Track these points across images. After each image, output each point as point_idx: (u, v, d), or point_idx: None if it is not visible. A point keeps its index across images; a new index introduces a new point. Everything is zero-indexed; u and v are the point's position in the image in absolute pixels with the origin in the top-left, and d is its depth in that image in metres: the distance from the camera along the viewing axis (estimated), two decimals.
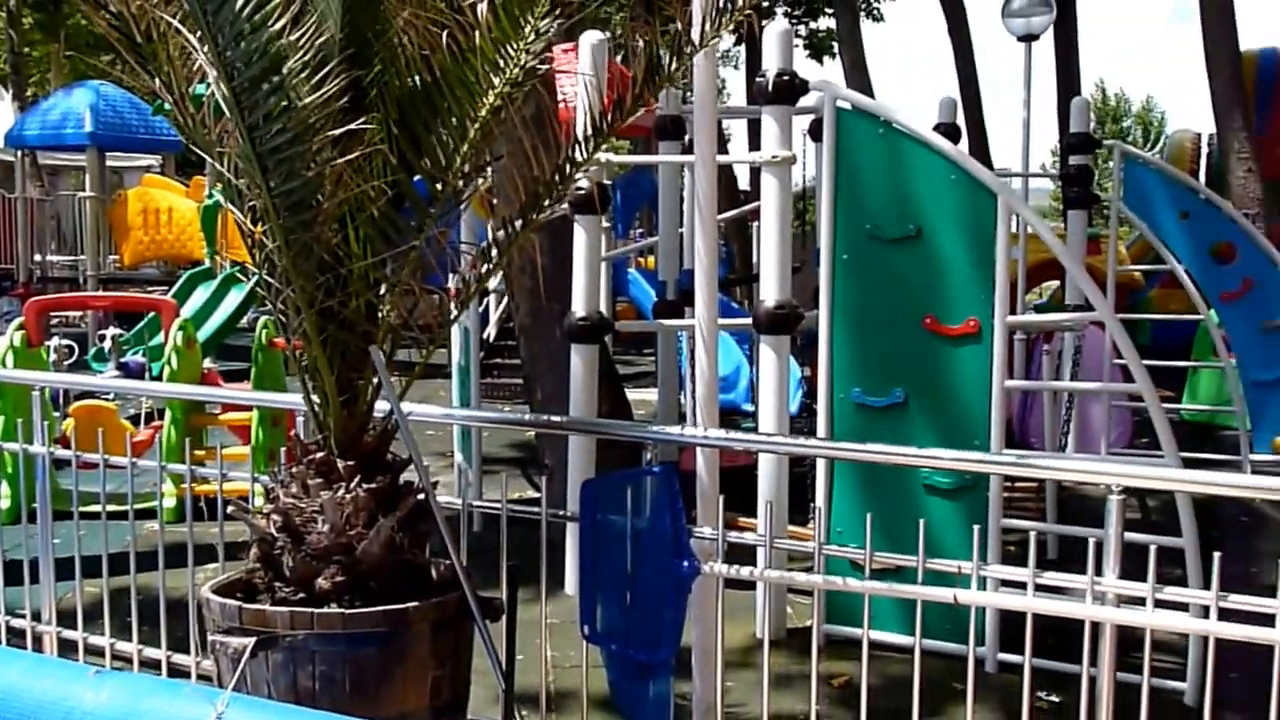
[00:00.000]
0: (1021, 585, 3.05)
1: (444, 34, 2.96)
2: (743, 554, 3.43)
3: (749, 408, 7.74)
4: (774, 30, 5.10)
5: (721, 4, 3.10)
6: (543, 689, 3.77)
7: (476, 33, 2.95)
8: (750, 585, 4.69)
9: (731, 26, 3.22)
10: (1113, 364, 6.76)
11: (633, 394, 10.15)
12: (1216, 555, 2.89)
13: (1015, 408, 8.41)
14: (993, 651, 4.80)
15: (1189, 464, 7.95)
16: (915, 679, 3.14)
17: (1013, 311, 6.79)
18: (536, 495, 3.56)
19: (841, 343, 5.06)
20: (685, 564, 3.17)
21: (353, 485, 3.15)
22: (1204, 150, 16.48)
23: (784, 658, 4.92)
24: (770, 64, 5.07)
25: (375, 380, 3.23)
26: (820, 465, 5.15)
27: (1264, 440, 7.45)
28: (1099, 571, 2.96)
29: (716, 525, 3.26)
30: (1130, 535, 3.97)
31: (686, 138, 6.49)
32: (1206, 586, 2.87)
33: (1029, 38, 10.37)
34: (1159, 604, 2.92)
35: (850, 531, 4.82)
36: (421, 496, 3.25)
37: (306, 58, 2.88)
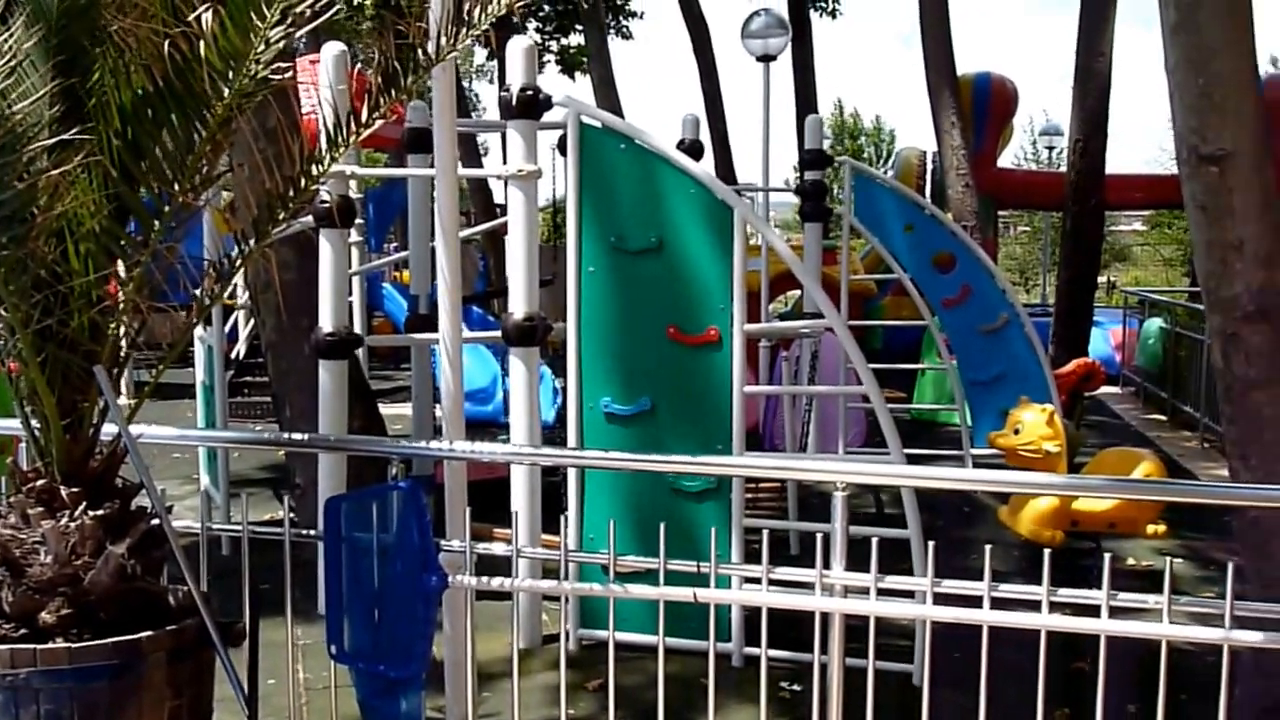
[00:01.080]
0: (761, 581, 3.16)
1: (166, 43, 2.83)
2: (502, 565, 3.42)
3: (508, 420, 7.76)
4: (517, 46, 5.13)
5: (458, 18, 3.10)
6: (292, 711, 3.66)
7: (202, 42, 2.84)
8: (507, 595, 4.69)
9: (470, 40, 3.22)
10: (848, 368, 7.12)
11: (391, 409, 9.97)
12: (932, 544, 3.09)
13: (762, 412, 8.74)
14: (738, 646, 4.96)
15: (916, 460, 8.45)
16: (660, 678, 3.21)
17: (755, 320, 7.06)
18: (291, 516, 3.45)
19: (590, 353, 5.13)
20: (433, 578, 3.14)
21: (78, 513, 2.98)
22: (929, 167, 17.55)
23: (542, 665, 4.95)
24: (515, 79, 5.09)
25: (101, 402, 3.06)
26: (571, 474, 5.20)
27: (983, 435, 7.97)
28: (827, 565, 3.11)
29: (464, 538, 3.25)
30: (864, 529, 4.21)
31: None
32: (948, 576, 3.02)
33: (767, 58, 10.81)
34: (885, 592, 3.08)
35: (602, 538, 4.88)
36: (155, 522, 3.11)
37: (14, 63, 2.71)
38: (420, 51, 3.06)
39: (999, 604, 2.97)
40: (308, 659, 4.27)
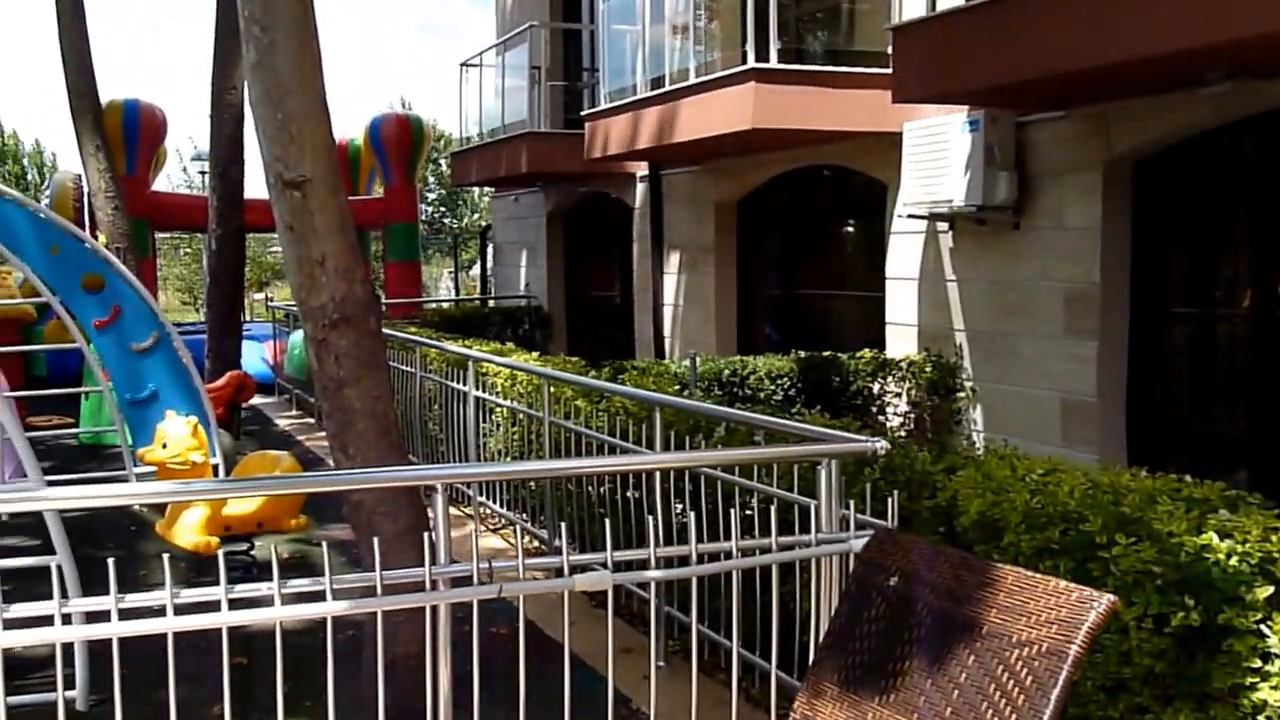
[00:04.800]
0: None
1: None
2: None
3: None
4: None
5: None
6: None
7: None
8: None
9: None
10: (5, 397, 6.33)
11: None
12: (59, 566, 2.85)
13: None
14: None
15: (76, 482, 7.83)
16: None
17: None
18: None
19: None
20: None
21: None
22: (85, 189, 16.38)
23: None
24: None
25: None
26: None
27: None
28: None
29: None
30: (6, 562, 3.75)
31: None
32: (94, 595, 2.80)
33: None
34: (19, 622, 2.76)
35: None
36: None
37: None
38: None
39: (128, 615, 2.80)
40: None
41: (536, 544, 6.85)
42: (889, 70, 8.26)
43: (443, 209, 42.07)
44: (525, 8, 16.25)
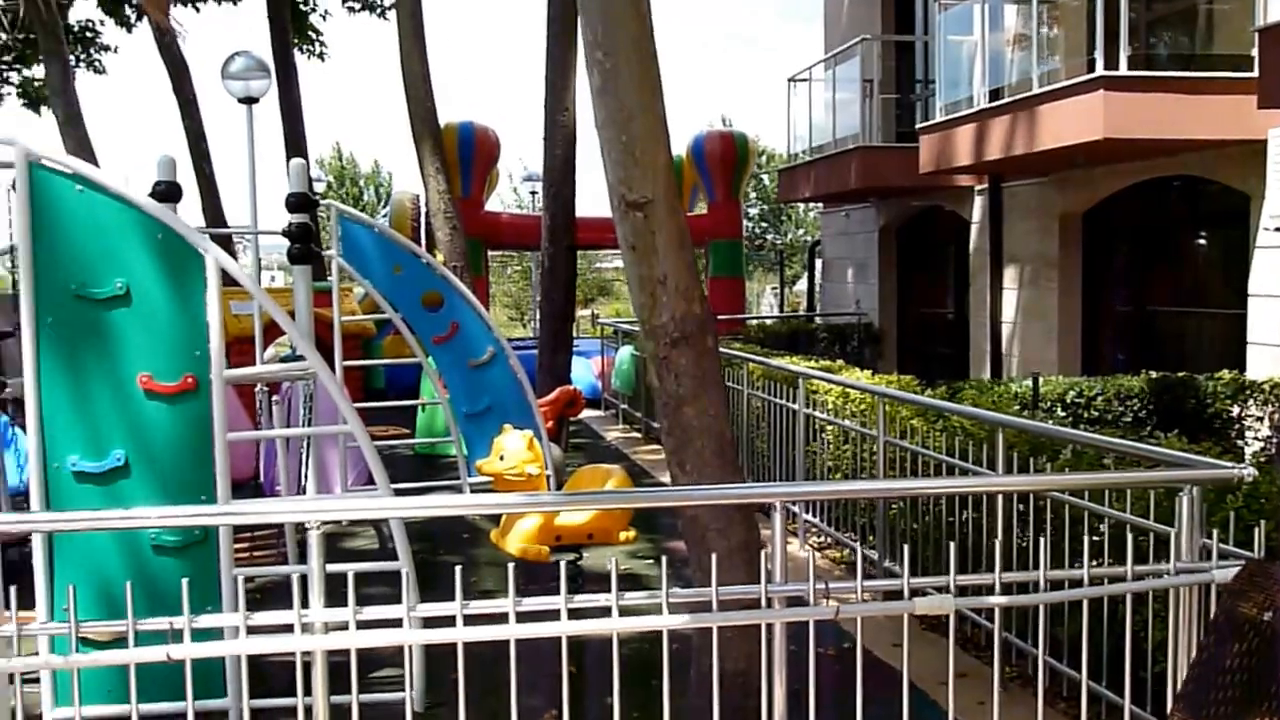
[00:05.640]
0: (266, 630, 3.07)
1: None
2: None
3: None
4: None
5: None
6: None
7: None
8: None
9: None
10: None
11: None
12: (406, 572, 3.18)
13: (262, 458, 8.48)
14: (235, 701, 4.77)
15: (417, 491, 8.59)
16: None
17: (249, 365, 6.84)
18: None
19: (53, 408, 4.72)
20: None
21: None
22: (423, 209, 17.88)
23: None
24: None
25: None
26: (37, 540, 4.76)
27: None
28: (305, 604, 3.10)
29: None
30: (354, 565, 4.21)
31: None
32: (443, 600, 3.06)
33: (249, 100, 10.50)
34: (371, 624, 3.11)
35: (78, 606, 4.51)
36: None
37: None
38: None
39: (472, 620, 3.08)
40: None
41: (856, 561, 6.90)
42: (1251, 74, 7.93)
43: (764, 224, 42.61)
44: (855, 21, 16.28)
